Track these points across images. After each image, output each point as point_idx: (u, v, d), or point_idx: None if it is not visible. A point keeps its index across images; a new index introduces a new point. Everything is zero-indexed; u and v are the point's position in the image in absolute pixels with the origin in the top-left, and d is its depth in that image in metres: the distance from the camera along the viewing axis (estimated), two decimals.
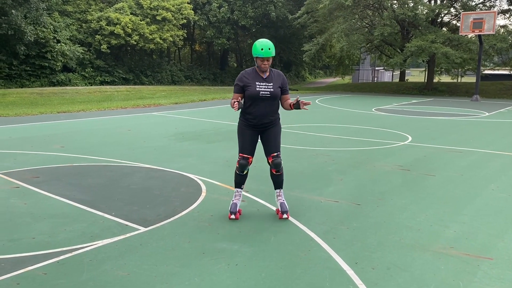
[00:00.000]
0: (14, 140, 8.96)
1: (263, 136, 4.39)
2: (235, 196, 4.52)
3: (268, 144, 4.37)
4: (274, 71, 4.34)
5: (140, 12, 32.19)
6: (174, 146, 8.49)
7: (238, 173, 4.44)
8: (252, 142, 4.36)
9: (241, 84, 4.24)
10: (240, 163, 4.34)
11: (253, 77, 4.24)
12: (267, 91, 4.20)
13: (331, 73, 58.37)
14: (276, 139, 4.37)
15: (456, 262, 3.51)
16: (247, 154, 4.34)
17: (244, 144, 4.34)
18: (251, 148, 4.36)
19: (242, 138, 4.36)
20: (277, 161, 4.33)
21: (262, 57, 4.10)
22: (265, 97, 4.20)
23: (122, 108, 16.38)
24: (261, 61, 4.14)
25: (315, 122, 12.42)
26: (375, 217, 4.56)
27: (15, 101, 20.79)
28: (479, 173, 6.57)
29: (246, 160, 4.33)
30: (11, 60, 26.94)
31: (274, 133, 4.37)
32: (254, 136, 4.36)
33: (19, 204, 4.84)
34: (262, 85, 4.20)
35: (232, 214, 4.42)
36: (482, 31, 21.18)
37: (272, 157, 4.34)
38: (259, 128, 4.34)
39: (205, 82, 39.14)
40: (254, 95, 4.20)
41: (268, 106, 4.26)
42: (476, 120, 13.63)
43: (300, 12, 30.88)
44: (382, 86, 32.81)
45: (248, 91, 4.21)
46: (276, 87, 4.24)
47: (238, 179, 4.48)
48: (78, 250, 3.64)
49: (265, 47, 4.08)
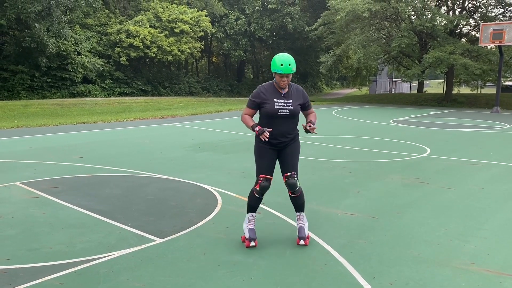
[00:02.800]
0: (34, 151, 9.13)
1: (280, 155, 4.06)
2: (249, 221, 4.11)
3: (284, 162, 4.04)
4: (294, 86, 4.01)
5: (159, 24, 32.72)
6: (191, 157, 8.53)
7: (257, 196, 4.03)
8: (272, 161, 4.03)
9: (257, 100, 3.94)
10: (262, 185, 3.95)
11: (271, 93, 3.92)
12: (286, 109, 3.87)
13: (348, 84, 58.10)
14: (293, 158, 4.03)
15: (477, 279, 3.42)
16: (269, 174, 3.98)
17: (263, 164, 3.99)
18: (272, 167, 4.02)
19: (261, 159, 4.01)
20: (291, 181, 3.97)
21: (281, 73, 3.78)
22: (284, 115, 3.88)
23: (140, 119, 16.58)
24: (280, 77, 3.82)
25: (332, 133, 12.36)
26: (393, 231, 4.49)
27: (36, 112, 21.23)
28: (500, 187, 6.42)
29: (269, 181, 3.98)
30: (33, 72, 27.60)
31: (292, 151, 4.03)
32: (274, 155, 4.03)
33: (38, 213, 4.91)
34: (281, 102, 3.87)
35: (251, 241, 3.99)
36: (502, 42, 20.88)
37: (286, 177, 4.00)
38: (278, 146, 4.01)
39: (222, 94, 39.43)
40: (272, 113, 3.88)
41: (287, 124, 3.94)
42: (497, 132, 13.36)
43: (316, 24, 30.97)
44: (400, 98, 32.51)
45: (265, 108, 3.90)
46: (296, 104, 3.92)
47: (255, 203, 4.08)
48: (95, 261, 3.66)
49: (285, 62, 3.76)
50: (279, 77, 3.83)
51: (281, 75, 3.81)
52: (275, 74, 3.84)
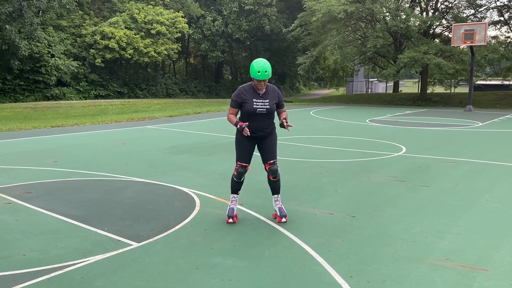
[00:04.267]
0: (7, 155, 8.89)
1: (260, 146, 4.68)
2: (231, 201, 4.76)
3: (265, 152, 4.66)
4: (270, 87, 4.59)
5: (135, 26, 32.31)
6: (168, 160, 8.45)
7: (236, 180, 4.69)
8: (250, 151, 4.65)
9: (239, 100, 4.51)
10: (239, 171, 4.61)
11: (250, 93, 4.50)
12: (264, 108, 4.48)
13: (326, 84, 58.72)
14: (272, 147, 4.65)
15: (451, 274, 3.48)
16: (245, 162, 4.62)
17: (242, 153, 4.62)
18: (249, 157, 4.65)
19: (240, 148, 4.63)
20: (274, 167, 4.62)
21: (259, 79, 4.35)
22: (261, 113, 4.49)
23: (116, 121, 16.34)
24: (257, 82, 4.41)
25: (309, 133, 12.43)
26: (370, 229, 4.54)
27: (8, 115, 20.70)
28: (474, 183, 6.57)
29: (244, 168, 4.63)
30: (4, 75, 26.89)
31: (271, 142, 4.66)
32: (251, 146, 4.65)
33: (10, 220, 4.77)
34: (259, 102, 4.47)
35: (229, 218, 4.67)
36: (473, 42, 21.41)
37: (269, 164, 4.62)
38: (256, 138, 4.61)
39: (200, 95, 39.22)
40: (251, 111, 4.48)
41: (263, 120, 4.55)
42: (470, 130, 13.70)
43: (293, 25, 31.16)
44: (376, 97, 33.00)
45: (245, 107, 4.49)
46: (272, 103, 4.54)
47: (235, 186, 4.73)
48: (70, 267, 3.58)
49: (262, 70, 4.31)
50: (257, 82, 4.42)
51: (259, 81, 4.39)
52: (254, 79, 4.40)
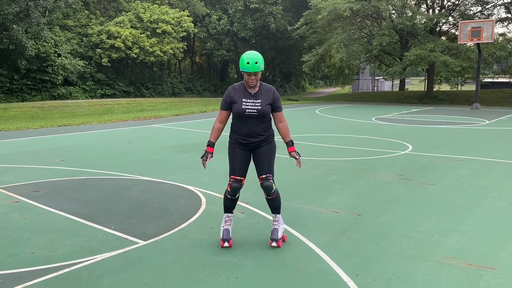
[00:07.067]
0: (14, 154, 8.97)
1: (255, 156, 3.99)
2: (225, 222, 4.06)
3: (258, 164, 3.96)
4: (264, 86, 3.92)
5: (140, 25, 32.40)
6: (174, 158, 8.48)
7: (229, 198, 3.98)
8: (244, 162, 3.95)
9: (227, 100, 3.91)
10: (232, 187, 3.90)
11: (240, 93, 3.87)
12: (254, 108, 3.82)
13: (331, 83, 58.52)
14: (267, 159, 3.94)
15: (458, 273, 3.47)
16: (240, 175, 3.91)
17: (235, 165, 3.93)
18: (244, 169, 3.96)
19: (233, 159, 3.96)
20: (267, 184, 3.90)
21: (249, 71, 3.71)
22: (251, 115, 3.84)
23: (123, 121, 16.41)
24: (247, 76, 3.76)
25: (315, 132, 12.42)
26: (375, 227, 4.53)
27: (16, 115, 20.84)
28: (480, 182, 6.54)
29: (239, 183, 3.90)
30: (12, 75, 27.06)
31: (266, 152, 3.94)
32: (245, 156, 3.96)
33: (18, 218, 4.82)
34: (249, 102, 3.82)
35: (225, 241, 3.98)
36: (480, 39, 21.26)
37: (261, 180, 3.92)
38: (249, 146, 3.96)
39: (205, 94, 39.26)
40: (239, 112, 3.84)
41: (256, 124, 3.88)
42: (477, 128, 13.61)
43: (299, 24, 31.08)
44: (382, 96, 32.85)
45: (234, 108, 3.86)
46: (265, 104, 3.84)
47: (229, 204, 4.03)
48: (77, 265, 3.61)
49: (252, 60, 3.69)
50: (247, 76, 3.77)
51: (249, 74, 3.74)
52: (244, 72, 3.76)
